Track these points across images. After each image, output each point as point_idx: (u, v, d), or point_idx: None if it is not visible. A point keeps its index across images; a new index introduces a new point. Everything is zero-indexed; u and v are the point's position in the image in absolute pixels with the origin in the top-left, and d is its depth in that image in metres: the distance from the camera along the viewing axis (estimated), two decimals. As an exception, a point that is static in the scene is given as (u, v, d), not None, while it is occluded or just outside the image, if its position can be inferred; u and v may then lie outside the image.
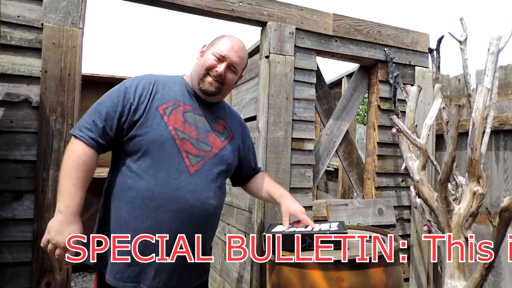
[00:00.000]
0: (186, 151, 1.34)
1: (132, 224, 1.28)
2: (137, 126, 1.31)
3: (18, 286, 1.57)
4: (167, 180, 1.30)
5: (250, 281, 2.14)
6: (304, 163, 2.20)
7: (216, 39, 1.48)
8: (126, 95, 1.33)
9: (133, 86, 1.35)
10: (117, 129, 1.31)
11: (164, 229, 1.29)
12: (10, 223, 1.57)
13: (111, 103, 1.31)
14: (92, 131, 1.28)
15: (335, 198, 4.44)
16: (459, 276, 1.73)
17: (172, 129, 1.33)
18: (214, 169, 1.40)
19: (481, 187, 1.74)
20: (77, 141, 1.27)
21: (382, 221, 2.37)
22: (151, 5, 1.95)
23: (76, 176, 1.24)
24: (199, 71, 1.43)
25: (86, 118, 1.31)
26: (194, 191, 1.33)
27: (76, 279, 3.67)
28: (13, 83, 1.60)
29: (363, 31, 2.39)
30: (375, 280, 1.33)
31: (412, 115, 2.12)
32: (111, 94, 1.35)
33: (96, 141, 1.28)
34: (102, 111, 1.30)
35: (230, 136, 1.50)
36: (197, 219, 1.34)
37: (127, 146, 1.32)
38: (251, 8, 2.09)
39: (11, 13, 1.60)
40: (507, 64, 2.29)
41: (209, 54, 1.42)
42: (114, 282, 1.29)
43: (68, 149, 1.28)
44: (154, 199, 1.28)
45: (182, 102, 1.41)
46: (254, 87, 2.37)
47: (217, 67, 1.40)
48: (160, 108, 1.35)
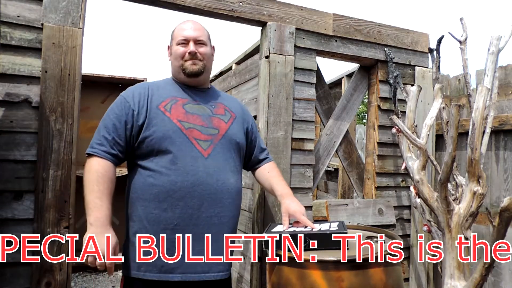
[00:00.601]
0: (195, 138, 1.43)
1: (163, 217, 1.36)
2: (144, 129, 1.40)
3: (18, 286, 1.57)
4: (185, 168, 1.38)
5: (250, 281, 2.14)
6: (304, 163, 2.20)
7: (172, 33, 1.58)
8: (126, 104, 1.43)
9: (130, 95, 1.46)
10: (126, 137, 1.41)
11: (194, 214, 1.38)
12: (10, 223, 1.57)
13: (114, 115, 1.41)
14: (103, 145, 1.38)
15: (335, 198, 4.44)
16: (459, 276, 1.73)
17: (177, 122, 1.42)
18: (225, 149, 1.49)
19: (481, 187, 1.74)
20: (92, 157, 1.37)
21: (382, 221, 2.37)
22: (151, 5, 1.95)
23: (99, 189, 1.33)
24: (176, 64, 1.53)
25: (95, 136, 1.41)
26: (213, 173, 1.42)
27: (76, 279, 3.67)
28: (13, 83, 1.60)
29: (363, 31, 2.39)
30: (375, 280, 1.33)
31: (412, 115, 2.12)
32: (112, 108, 1.45)
33: (109, 153, 1.38)
34: (108, 125, 1.40)
35: (232, 116, 1.59)
36: (220, 199, 1.43)
37: (140, 149, 1.42)
38: (251, 8, 2.09)
39: (11, 13, 1.60)
40: (507, 64, 2.29)
41: (175, 47, 1.53)
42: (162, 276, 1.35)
43: (86, 167, 1.37)
44: (178, 189, 1.37)
45: (178, 97, 1.50)
46: (254, 87, 2.37)
47: (187, 50, 1.50)
48: (160, 106, 1.44)
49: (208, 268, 1.39)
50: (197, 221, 1.38)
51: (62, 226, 1.62)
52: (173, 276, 1.35)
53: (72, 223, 1.67)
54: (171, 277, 1.35)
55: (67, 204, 1.64)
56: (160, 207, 1.36)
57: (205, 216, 1.39)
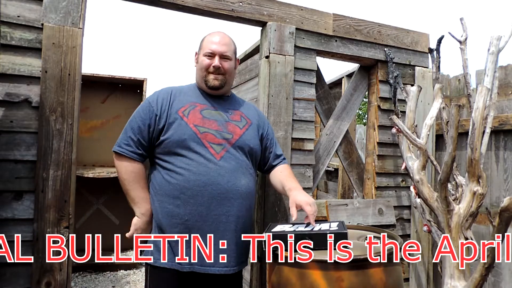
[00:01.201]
0: (209, 142, 1.55)
1: (176, 213, 1.50)
2: (164, 132, 1.54)
3: (18, 286, 1.57)
4: (198, 169, 1.51)
5: (250, 281, 2.14)
6: (304, 163, 2.21)
7: (201, 43, 1.68)
8: (150, 108, 1.57)
9: (154, 100, 1.59)
10: (149, 138, 1.56)
11: (203, 211, 1.50)
12: (10, 223, 1.57)
13: (140, 118, 1.56)
14: (130, 145, 1.54)
15: (335, 198, 4.44)
16: (459, 276, 1.73)
17: (193, 126, 1.54)
18: (238, 153, 1.59)
19: (481, 187, 1.74)
20: (123, 157, 1.54)
21: (382, 221, 2.37)
22: (151, 5, 1.95)
23: (139, 185, 1.56)
24: (200, 74, 1.65)
25: (123, 136, 1.57)
26: (224, 174, 1.53)
27: (76, 279, 3.67)
28: (13, 83, 1.60)
29: (363, 31, 2.39)
30: (375, 280, 1.33)
31: (412, 115, 2.12)
32: (138, 111, 1.59)
33: (136, 153, 1.55)
34: (134, 126, 1.55)
35: (248, 123, 1.69)
36: (229, 199, 1.53)
37: (159, 149, 1.56)
38: (251, 8, 2.09)
39: (11, 13, 1.60)
40: (507, 64, 2.29)
41: (202, 57, 1.64)
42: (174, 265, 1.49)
43: (120, 166, 1.55)
44: (190, 188, 1.49)
45: (197, 103, 1.62)
46: (254, 87, 2.37)
47: (212, 63, 1.61)
48: (179, 112, 1.57)
49: (214, 263, 1.50)
50: (206, 218, 1.49)
51: (62, 226, 1.62)
52: (182, 267, 1.48)
53: (72, 223, 1.67)
54: (181, 268, 1.48)
55: (67, 204, 1.64)
56: (173, 203, 1.50)
57: (214, 214, 1.50)
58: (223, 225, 1.52)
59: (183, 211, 1.49)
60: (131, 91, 4.31)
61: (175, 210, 1.50)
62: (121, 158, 1.54)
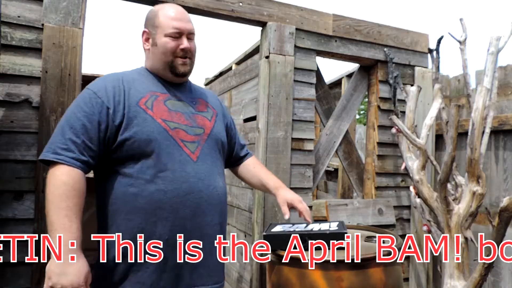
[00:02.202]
0: (182, 139, 1.26)
1: (151, 233, 1.18)
2: (122, 129, 1.19)
3: (18, 286, 1.57)
4: (175, 175, 1.22)
5: (250, 281, 2.14)
6: (304, 163, 2.21)
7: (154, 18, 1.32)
8: (97, 100, 1.19)
9: (101, 89, 1.21)
10: (99, 139, 1.18)
11: (186, 225, 1.23)
12: (10, 223, 1.57)
13: (83, 114, 1.17)
14: (71, 150, 1.13)
15: (335, 198, 4.44)
16: (458, 276, 1.73)
17: (161, 121, 1.24)
18: (212, 150, 1.35)
19: (480, 187, 1.74)
20: (58, 166, 1.11)
21: (382, 221, 2.38)
22: (151, 5, 1.95)
23: (67, 205, 1.08)
24: (163, 59, 1.31)
25: (57, 139, 1.14)
26: (204, 178, 1.27)
27: (76, 279, 3.66)
28: (14, 83, 1.60)
29: (363, 31, 2.39)
30: (374, 280, 1.33)
31: (411, 115, 2.12)
32: (78, 104, 1.20)
33: (80, 160, 1.14)
34: (76, 125, 1.15)
35: (214, 113, 1.44)
36: (213, 205, 1.29)
37: (117, 153, 1.20)
38: (251, 9, 2.10)
39: (11, 13, 1.60)
40: (507, 64, 2.29)
41: (163, 38, 1.29)
42: None
43: (50, 178, 1.11)
44: (168, 200, 1.20)
45: (158, 92, 1.30)
46: (254, 87, 2.38)
47: (180, 45, 1.29)
48: (140, 103, 1.24)
49: (202, 282, 1.27)
50: (190, 233, 1.23)
51: (62, 226, 1.62)
52: None
53: (73, 223, 1.66)
54: None
55: (68, 204, 1.64)
56: (147, 221, 1.18)
57: (199, 226, 1.25)
58: (208, 238, 1.28)
59: (162, 229, 1.19)
60: (131, 91, 4.29)
61: (151, 230, 1.18)
62: (56, 166, 1.11)
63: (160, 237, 1.19)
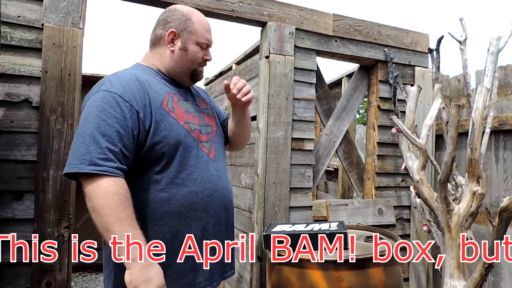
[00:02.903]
0: (200, 140, 1.28)
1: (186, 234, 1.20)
2: (151, 134, 1.15)
3: (18, 286, 1.57)
4: (202, 176, 1.24)
5: (250, 281, 2.14)
6: (304, 163, 2.21)
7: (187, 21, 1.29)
8: (125, 103, 1.12)
9: (126, 91, 1.14)
10: (134, 146, 1.13)
11: (216, 222, 1.28)
12: (10, 223, 1.57)
13: (115, 120, 1.09)
14: (111, 160, 1.06)
15: (335, 198, 4.44)
16: (458, 276, 1.73)
17: (184, 124, 1.24)
18: (220, 146, 1.40)
19: (480, 187, 1.74)
20: (102, 178, 1.04)
21: (382, 221, 2.38)
22: (151, 5, 1.95)
23: (128, 215, 1.05)
24: (189, 66, 1.30)
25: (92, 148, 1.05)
26: (222, 175, 1.33)
27: (76, 279, 3.67)
28: (14, 83, 1.60)
29: (363, 31, 2.39)
30: (374, 280, 1.33)
31: (412, 115, 2.12)
32: (104, 109, 1.10)
33: (121, 169, 1.08)
34: (110, 132, 1.08)
35: (211, 108, 1.46)
36: (230, 202, 1.36)
37: (145, 159, 1.16)
38: (251, 8, 2.10)
39: (11, 13, 1.60)
40: (507, 64, 2.29)
41: (194, 46, 1.29)
42: None
43: (94, 191, 1.04)
44: (200, 201, 1.22)
45: (171, 93, 1.28)
46: (254, 87, 2.38)
47: (206, 56, 1.33)
48: (163, 105, 1.21)
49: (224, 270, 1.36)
50: (220, 227, 1.30)
51: (62, 226, 1.63)
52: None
53: (72, 223, 1.67)
54: None
55: (68, 204, 1.64)
56: (181, 223, 1.19)
57: (223, 222, 1.32)
58: (229, 231, 1.37)
59: (195, 229, 1.22)
60: (131, 91, 4.30)
61: (185, 231, 1.20)
62: (98, 179, 1.04)
63: (195, 236, 1.22)
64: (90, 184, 1.05)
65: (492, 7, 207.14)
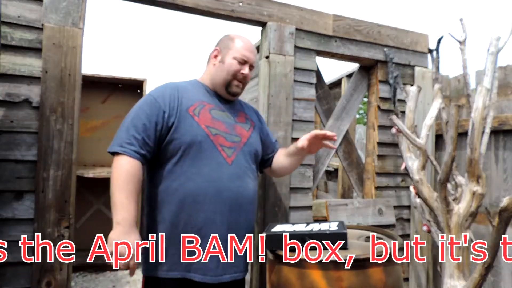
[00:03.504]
0: (221, 144, 1.46)
1: (188, 222, 1.39)
2: (172, 131, 1.41)
3: (18, 286, 1.57)
4: (210, 174, 1.42)
5: (250, 281, 2.14)
6: (304, 163, 2.21)
7: (229, 41, 1.57)
8: (156, 103, 1.42)
9: (160, 95, 1.45)
10: (155, 137, 1.40)
11: (217, 219, 1.42)
12: (10, 223, 1.57)
13: (145, 115, 1.40)
14: (133, 145, 1.36)
15: (335, 198, 4.44)
16: (458, 276, 1.73)
17: (205, 127, 1.45)
18: (247, 157, 1.55)
19: (480, 187, 1.74)
20: (122, 156, 1.35)
21: (382, 221, 2.38)
22: (151, 5, 1.95)
23: (128, 188, 1.32)
24: (224, 77, 1.54)
25: (123, 135, 1.37)
26: (236, 179, 1.47)
27: (76, 279, 3.67)
28: (14, 83, 1.60)
29: (363, 31, 2.39)
30: (374, 280, 1.33)
31: (411, 115, 2.12)
32: (141, 107, 1.42)
33: (139, 153, 1.36)
34: (138, 124, 1.38)
35: (252, 125, 1.65)
36: (241, 205, 1.48)
37: (165, 151, 1.42)
38: (251, 9, 2.10)
39: (11, 13, 1.60)
40: (507, 64, 2.29)
41: (231, 59, 1.53)
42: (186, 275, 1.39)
43: (116, 165, 1.34)
44: (202, 195, 1.40)
45: (205, 102, 1.52)
46: (254, 87, 2.38)
47: (242, 70, 1.54)
48: (189, 110, 1.45)
49: (224, 271, 1.43)
50: (220, 226, 1.42)
51: (62, 226, 1.63)
52: (194, 275, 1.39)
53: (73, 223, 1.67)
54: (193, 276, 1.39)
55: (68, 204, 1.64)
56: (185, 212, 1.39)
57: (227, 221, 1.44)
58: (234, 232, 1.46)
59: (196, 219, 1.40)
60: (131, 91, 4.31)
61: (188, 219, 1.40)
62: (121, 157, 1.36)
63: (194, 227, 1.40)
64: (116, 160, 1.36)
65: (492, 7, 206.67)
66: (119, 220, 1.30)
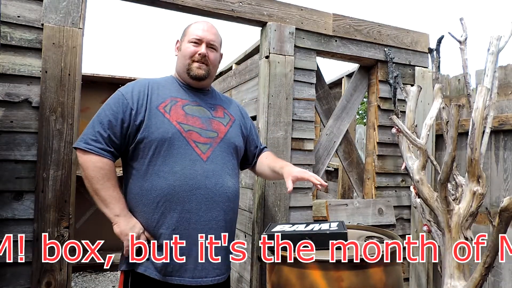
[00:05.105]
0: (194, 141, 1.40)
1: (161, 222, 1.35)
2: (142, 129, 1.36)
3: (18, 286, 1.57)
4: (184, 172, 1.36)
5: (250, 281, 2.14)
6: (304, 163, 2.21)
7: (186, 30, 1.54)
8: (124, 101, 1.38)
9: (129, 92, 1.40)
10: (121, 135, 1.36)
11: (192, 218, 1.36)
12: (10, 223, 1.57)
13: (111, 112, 1.36)
14: (99, 142, 1.33)
15: (335, 198, 4.44)
16: (459, 276, 1.73)
17: (176, 124, 1.39)
18: (224, 153, 1.47)
19: (481, 187, 1.74)
20: (90, 154, 1.32)
21: (382, 221, 2.38)
22: (151, 5, 1.95)
23: (111, 183, 1.33)
24: (183, 62, 1.49)
25: (89, 131, 1.35)
26: (212, 176, 1.40)
27: (76, 279, 3.67)
28: (13, 83, 1.60)
29: (363, 31, 2.39)
30: (374, 280, 1.33)
31: (412, 115, 2.12)
32: (109, 103, 1.39)
33: (106, 150, 1.34)
34: (104, 121, 1.35)
35: (231, 119, 1.57)
36: (218, 203, 1.41)
37: (137, 150, 1.38)
38: (251, 8, 2.10)
39: (11, 13, 1.60)
40: (507, 64, 2.29)
41: (186, 44, 1.49)
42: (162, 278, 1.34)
43: (85, 164, 1.32)
44: (176, 194, 1.35)
45: (178, 98, 1.47)
46: (254, 87, 2.38)
47: (198, 51, 1.47)
48: (160, 107, 1.40)
49: (205, 273, 1.37)
50: (195, 225, 1.36)
51: (62, 226, 1.63)
52: (171, 278, 1.34)
53: (72, 223, 1.67)
54: (169, 280, 1.34)
55: (67, 204, 1.64)
56: (158, 212, 1.35)
57: (203, 220, 1.37)
58: (213, 232, 1.39)
59: (170, 219, 1.34)
60: (131, 91, 4.31)
61: (161, 219, 1.35)
62: (88, 154, 1.32)
63: (169, 227, 1.35)
64: (82, 157, 1.33)
65: (492, 7, 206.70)
66: (118, 212, 1.32)
